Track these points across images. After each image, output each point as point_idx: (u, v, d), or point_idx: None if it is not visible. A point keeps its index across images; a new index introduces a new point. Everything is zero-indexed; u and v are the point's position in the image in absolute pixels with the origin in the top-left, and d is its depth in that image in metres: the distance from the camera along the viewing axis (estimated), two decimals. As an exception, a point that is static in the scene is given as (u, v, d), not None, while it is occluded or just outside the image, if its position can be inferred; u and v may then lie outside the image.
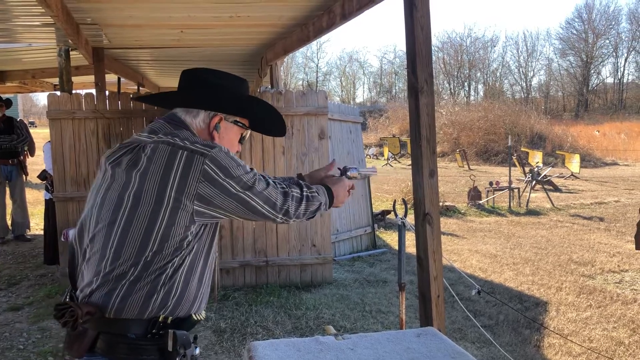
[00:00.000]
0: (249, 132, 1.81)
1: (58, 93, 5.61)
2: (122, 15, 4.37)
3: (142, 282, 1.49)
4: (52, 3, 3.23)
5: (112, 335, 1.50)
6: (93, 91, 6.38)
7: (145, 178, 1.51)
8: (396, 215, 3.79)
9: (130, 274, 1.49)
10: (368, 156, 24.85)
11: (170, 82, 11.04)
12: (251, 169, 1.62)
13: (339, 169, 1.99)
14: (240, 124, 1.75)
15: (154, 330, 1.51)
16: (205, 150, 1.53)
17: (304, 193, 1.69)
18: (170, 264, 1.51)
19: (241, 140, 1.80)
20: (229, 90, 1.72)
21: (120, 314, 1.49)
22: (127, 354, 1.50)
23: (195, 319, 1.62)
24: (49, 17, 4.44)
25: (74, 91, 5.92)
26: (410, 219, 3.75)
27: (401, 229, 3.63)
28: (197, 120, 1.66)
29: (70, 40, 4.77)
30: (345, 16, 4.00)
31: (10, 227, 7.91)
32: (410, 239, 5.69)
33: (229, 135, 1.73)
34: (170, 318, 1.53)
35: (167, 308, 1.53)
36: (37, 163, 11.68)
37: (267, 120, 1.84)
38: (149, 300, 1.50)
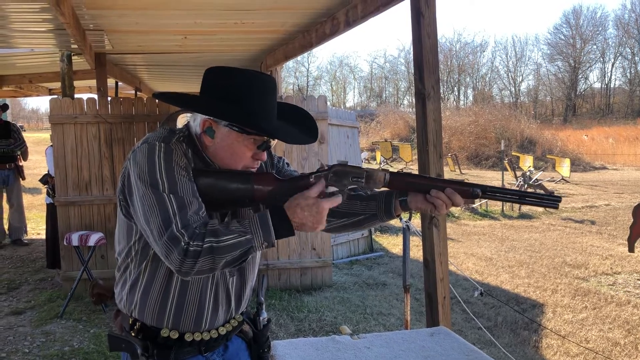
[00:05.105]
0: (270, 139, 1.51)
1: (60, 97, 5.64)
2: (128, 21, 4.42)
3: (118, 274, 1.60)
4: (66, 11, 3.29)
5: None
6: (92, 95, 6.40)
7: None
8: (400, 219, 3.87)
9: (117, 266, 1.60)
10: (362, 160, 24.90)
11: (167, 87, 11.03)
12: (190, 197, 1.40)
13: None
14: (237, 129, 1.46)
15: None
16: (137, 146, 1.47)
17: (205, 245, 1.31)
18: (132, 264, 1.54)
19: (262, 146, 1.51)
20: (225, 87, 1.46)
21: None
22: None
23: (165, 336, 1.54)
24: (52, 24, 4.48)
25: (75, 96, 5.95)
26: (414, 222, 3.83)
27: (406, 232, 3.71)
28: (195, 123, 1.51)
29: (77, 46, 4.81)
30: (350, 24, 4.07)
31: (7, 232, 7.90)
32: (411, 242, 5.77)
33: (228, 142, 1.48)
34: (138, 323, 1.54)
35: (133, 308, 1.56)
36: (29, 167, 11.63)
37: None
38: (121, 293, 1.59)
